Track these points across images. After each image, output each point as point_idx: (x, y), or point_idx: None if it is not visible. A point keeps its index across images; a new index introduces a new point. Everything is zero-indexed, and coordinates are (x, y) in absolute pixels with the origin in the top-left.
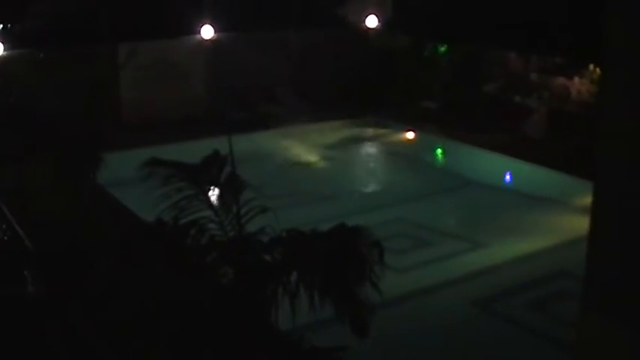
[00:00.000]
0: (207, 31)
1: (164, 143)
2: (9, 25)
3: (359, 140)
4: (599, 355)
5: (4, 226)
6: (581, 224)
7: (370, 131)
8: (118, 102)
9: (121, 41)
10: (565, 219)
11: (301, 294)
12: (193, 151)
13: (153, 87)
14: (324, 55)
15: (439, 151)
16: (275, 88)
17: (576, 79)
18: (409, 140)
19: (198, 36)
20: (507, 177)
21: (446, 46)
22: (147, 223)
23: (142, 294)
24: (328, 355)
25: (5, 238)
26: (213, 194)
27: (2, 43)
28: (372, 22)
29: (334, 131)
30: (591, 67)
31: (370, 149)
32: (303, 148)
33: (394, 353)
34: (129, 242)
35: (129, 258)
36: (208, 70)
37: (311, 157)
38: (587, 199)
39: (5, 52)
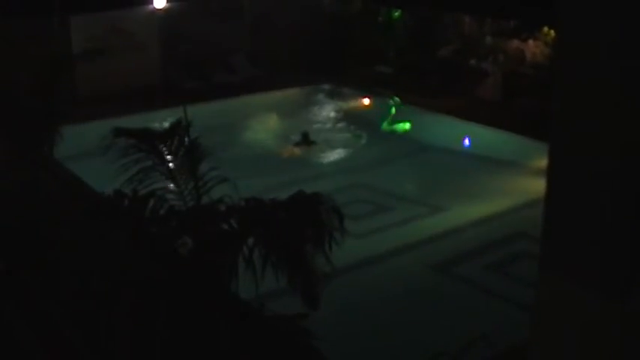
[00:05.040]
0: (159, 1)
1: (118, 116)
2: None
3: (314, 107)
4: (558, 315)
5: None
6: (538, 185)
7: (325, 98)
8: (71, 74)
9: (72, 13)
10: (523, 180)
11: (257, 263)
12: (148, 122)
13: (106, 58)
14: (279, 22)
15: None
16: (230, 57)
17: (531, 42)
18: (365, 106)
19: (150, 6)
20: (465, 141)
21: (400, 10)
22: (106, 195)
23: (102, 267)
24: (289, 323)
25: None
26: (174, 164)
27: None
28: None
29: (289, 99)
30: (545, 29)
31: (326, 116)
32: (259, 116)
33: (355, 319)
34: (88, 216)
35: (88, 231)
36: (162, 40)
37: (267, 125)
38: (544, 161)
39: None
